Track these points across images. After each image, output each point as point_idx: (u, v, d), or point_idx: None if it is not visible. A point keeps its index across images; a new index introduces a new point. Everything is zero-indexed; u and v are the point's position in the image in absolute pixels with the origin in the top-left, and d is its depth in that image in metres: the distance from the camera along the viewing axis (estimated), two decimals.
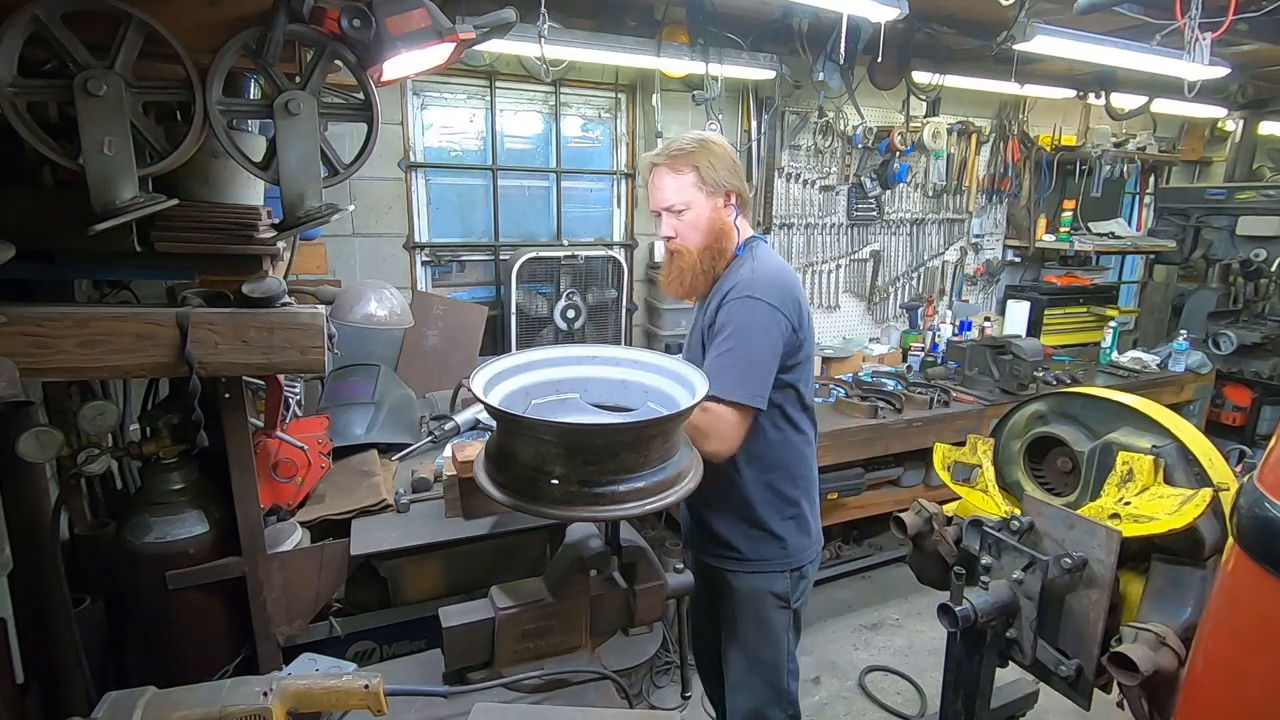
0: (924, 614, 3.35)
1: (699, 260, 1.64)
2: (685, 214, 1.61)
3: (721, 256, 1.65)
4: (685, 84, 3.67)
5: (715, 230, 1.62)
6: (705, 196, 1.60)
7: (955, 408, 3.34)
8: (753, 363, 1.52)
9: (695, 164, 1.58)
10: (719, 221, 1.63)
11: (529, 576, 1.31)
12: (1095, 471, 1.33)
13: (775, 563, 1.69)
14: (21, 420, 1.39)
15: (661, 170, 1.62)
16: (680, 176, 1.60)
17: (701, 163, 1.59)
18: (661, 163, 1.62)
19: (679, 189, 1.60)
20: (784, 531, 1.69)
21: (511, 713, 1.09)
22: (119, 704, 0.93)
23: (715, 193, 1.61)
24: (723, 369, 1.51)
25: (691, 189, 1.60)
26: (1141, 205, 5.87)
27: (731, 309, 1.55)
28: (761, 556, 1.69)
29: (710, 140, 1.63)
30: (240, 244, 1.35)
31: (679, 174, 1.60)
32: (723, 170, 1.60)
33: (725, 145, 1.65)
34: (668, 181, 1.61)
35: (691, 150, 1.59)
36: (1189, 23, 2.52)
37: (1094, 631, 1.14)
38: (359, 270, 3.40)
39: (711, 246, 1.63)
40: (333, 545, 1.69)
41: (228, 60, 1.16)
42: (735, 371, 1.51)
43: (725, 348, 1.53)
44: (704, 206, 1.61)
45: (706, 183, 1.60)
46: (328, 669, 1.51)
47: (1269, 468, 0.80)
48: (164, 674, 1.14)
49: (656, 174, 1.63)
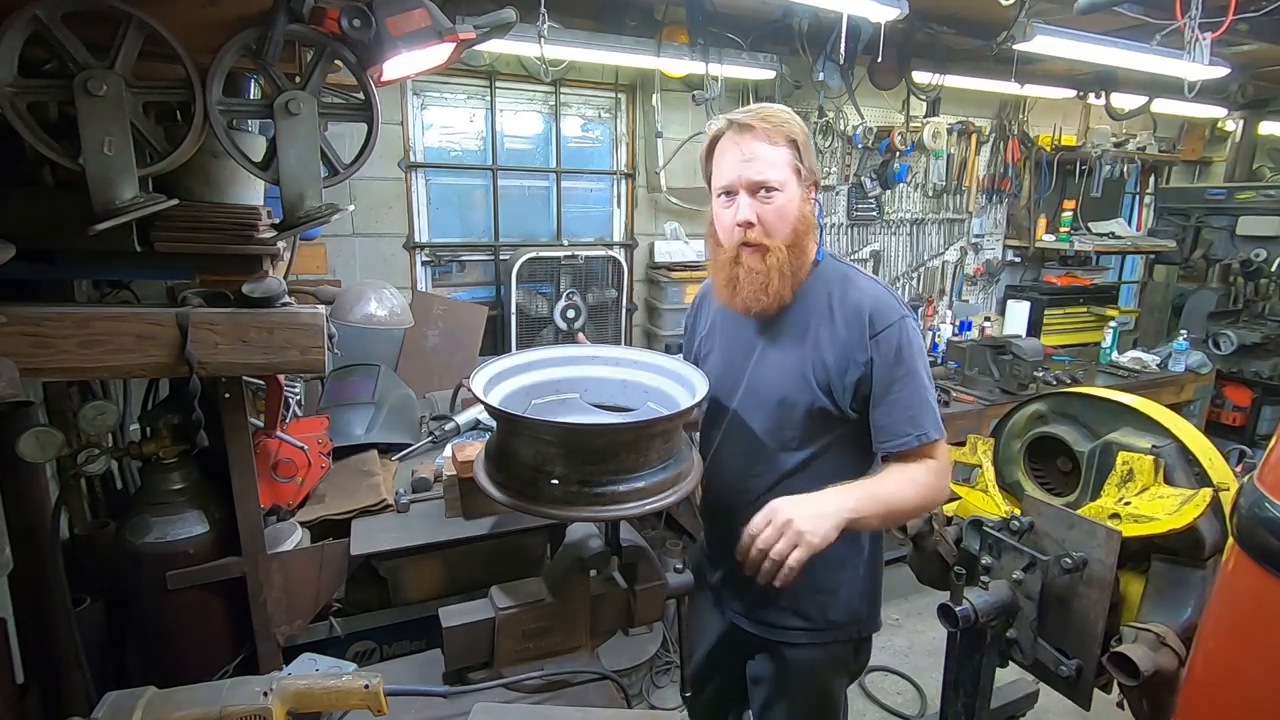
0: (924, 614, 3.35)
1: (785, 258, 1.29)
2: (777, 197, 1.26)
3: (804, 260, 1.33)
4: (685, 84, 3.67)
5: (805, 225, 1.31)
6: (798, 182, 1.28)
7: (955, 408, 3.34)
8: (928, 389, 1.31)
9: (794, 137, 1.27)
10: (808, 216, 1.32)
11: (529, 576, 1.31)
12: (1095, 471, 1.33)
13: (847, 629, 1.43)
14: (21, 420, 1.39)
15: (753, 136, 1.26)
16: (776, 149, 1.26)
17: (800, 138, 1.27)
18: (755, 124, 1.26)
19: (774, 163, 1.25)
20: (855, 594, 1.43)
21: (511, 713, 1.09)
22: (119, 704, 0.92)
23: (808, 179, 1.30)
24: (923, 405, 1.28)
25: (787, 167, 1.26)
26: (1141, 205, 5.87)
27: (895, 338, 1.28)
28: (832, 624, 1.42)
29: (800, 118, 1.33)
30: (240, 244, 1.35)
31: (775, 146, 1.26)
32: (812, 151, 1.31)
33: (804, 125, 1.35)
34: (763, 151, 1.25)
35: (788, 121, 1.28)
36: (1189, 23, 2.52)
37: (1094, 631, 1.14)
38: (359, 270, 3.40)
39: (797, 244, 1.30)
40: (333, 545, 1.69)
41: (228, 60, 1.16)
42: (933, 402, 1.31)
43: (914, 384, 1.28)
44: (796, 193, 1.28)
45: (804, 164, 1.28)
46: (328, 669, 1.50)
47: (1269, 468, 0.80)
48: (164, 674, 1.13)
49: (744, 140, 1.27)
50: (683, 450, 1.28)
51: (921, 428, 1.27)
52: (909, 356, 1.28)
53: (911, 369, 1.28)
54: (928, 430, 1.28)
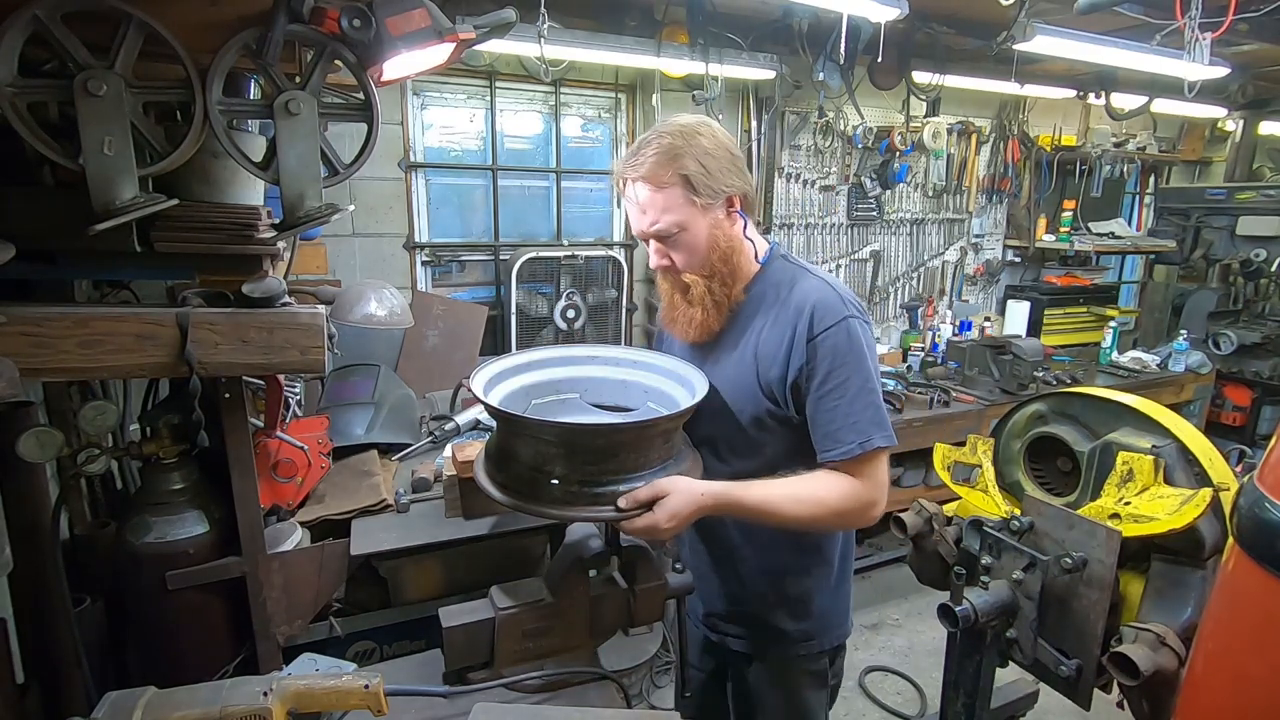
0: (924, 614, 3.35)
1: (707, 292, 1.29)
2: (680, 237, 1.25)
3: (736, 279, 1.31)
4: (685, 84, 3.67)
5: (723, 250, 1.27)
6: (701, 211, 1.23)
7: (955, 408, 3.34)
8: (875, 393, 1.24)
9: (682, 170, 1.21)
10: (724, 237, 1.27)
11: (529, 576, 1.31)
12: (1095, 471, 1.33)
13: (814, 643, 1.44)
14: (21, 420, 1.39)
15: (642, 184, 1.23)
16: (664, 191, 1.22)
17: (690, 166, 1.21)
18: (634, 176, 1.23)
19: (666, 207, 1.23)
20: (827, 605, 1.43)
21: (511, 713, 1.09)
22: (119, 704, 0.92)
23: (714, 203, 1.24)
24: (861, 411, 1.21)
25: (682, 205, 1.22)
26: (1141, 205, 5.87)
27: (836, 341, 1.23)
28: (804, 635, 1.43)
29: (695, 133, 1.23)
30: (240, 244, 1.35)
31: (662, 188, 1.22)
32: (718, 170, 1.23)
33: (716, 133, 1.26)
34: (649, 198, 1.23)
35: (674, 152, 1.21)
36: (1189, 23, 2.52)
37: (1094, 631, 1.13)
38: (359, 270, 3.40)
39: (720, 271, 1.28)
40: (333, 545, 1.69)
41: (228, 60, 1.16)
42: (874, 410, 1.23)
43: (853, 389, 1.22)
44: (700, 224, 1.24)
45: (701, 193, 1.22)
46: (328, 669, 1.50)
47: (1269, 468, 0.80)
48: (164, 674, 1.13)
49: (635, 190, 1.25)
50: (683, 450, 1.28)
51: (865, 434, 1.21)
52: (852, 360, 1.22)
53: (854, 372, 1.22)
54: (871, 436, 1.21)
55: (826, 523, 1.27)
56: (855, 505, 1.23)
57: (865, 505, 1.24)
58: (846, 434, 1.22)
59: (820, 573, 1.43)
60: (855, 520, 1.27)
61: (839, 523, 1.28)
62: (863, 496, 1.23)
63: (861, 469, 1.23)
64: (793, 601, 1.41)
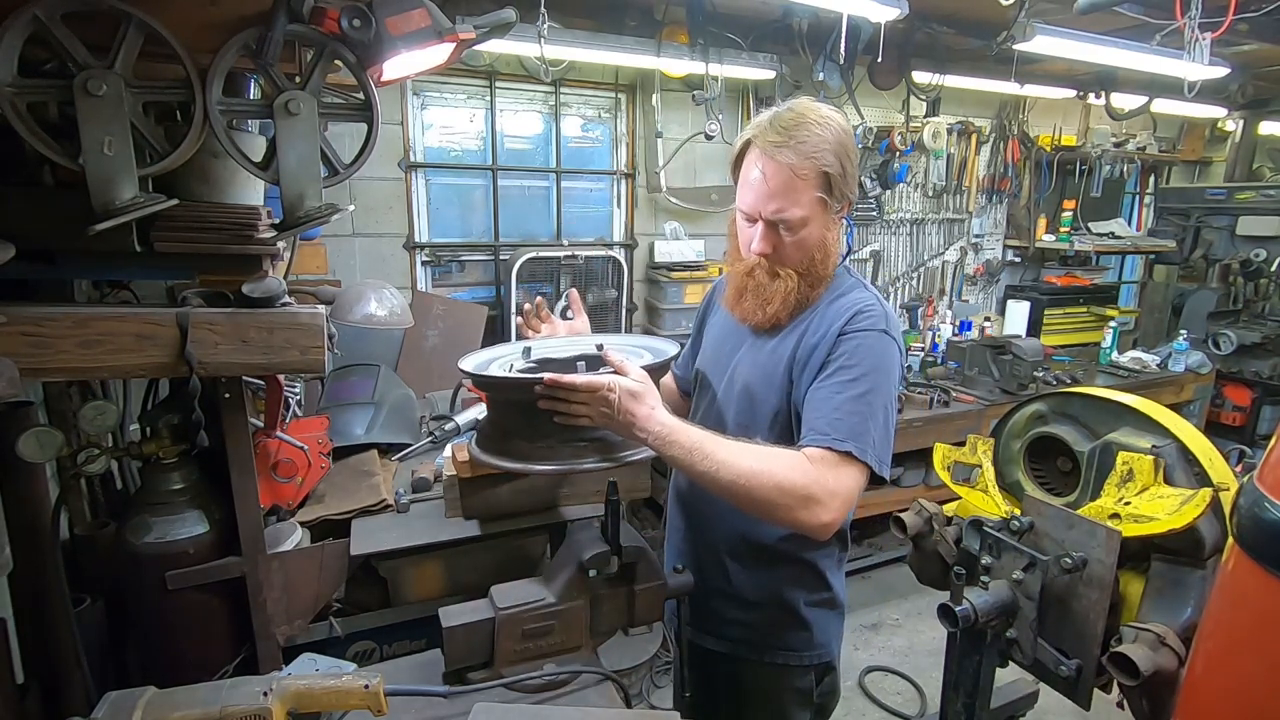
0: (924, 614, 3.35)
1: (795, 287, 1.25)
2: (798, 230, 1.21)
3: (820, 282, 1.28)
4: (685, 84, 3.67)
5: (824, 253, 1.25)
6: (825, 211, 1.21)
7: (955, 408, 3.34)
8: (887, 417, 1.17)
9: (826, 166, 1.17)
10: (830, 244, 1.25)
11: (529, 576, 1.31)
12: (1095, 471, 1.33)
13: (799, 654, 1.40)
14: (21, 420, 1.39)
15: (781, 161, 1.16)
16: (802, 181, 1.17)
17: (834, 168, 1.17)
18: (784, 149, 1.16)
19: (798, 199, 1.18)
20: (813, 617, 1.39)
21: (511, 713, 1.09)
22: (119, 704, 0.92)
23: (839, 207, 1.22)
24: (853, 414, 1.14)
25: (814, 201, 1.19)
26: (1141, 205, 5.88)
27: (863, 342, 1.18)
28: (786, 645, 1.39)
29: (844, 125, 1.20)
30: (240, 244, 1.35)
31: (803, 178, 1.17)
32: (853, 174, 1.21)
33: (852, 132, 1.24)
34: (782, 183, 1.17)
35: (824, 144, 1.16)
36: (1189, 23, 2.52)
37: (1094, 631, 1.13)
38: (359, 270, 3.40)
39: (813, 272, 1.26)
40: (333, 545, 1.69)
41: (228, 60, 1.16)
42: (870, 423, 1.14)
43: (859, 390, 1.15)
44: (821, 224, 1.22)
45: (835, 195, 1.20)
46: (328, 669, 1.50)
47: (1269, 468, 0.80)
48: (164, 674, 1.13)
49: (771, 164, 1.18)
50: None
51: (840, 432, 1.12)
52: (868, 363, 1.16)
53: (864, 375, 1.16)
54: (844, 439, 1.11)
55: (762, 489, 1.09)
56: (797, 487, 1.09)
57: (806, 495, 1.09)
58: (824, 425, 1.14)
59: (810, 584, 1.39)
60: (792, 505, 1.10)
61: (775, 495, 1.09)
62: (810, 485, 1.09)
63: (823, 461, 1.12)
64: (779, 609, 1.39)
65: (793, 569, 1.38)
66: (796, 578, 1.38)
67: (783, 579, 1.37)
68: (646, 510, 3.65)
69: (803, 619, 1.39)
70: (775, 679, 1.42)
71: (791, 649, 1.40)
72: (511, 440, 1.18)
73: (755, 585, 1.38)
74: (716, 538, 1.42)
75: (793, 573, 1.38)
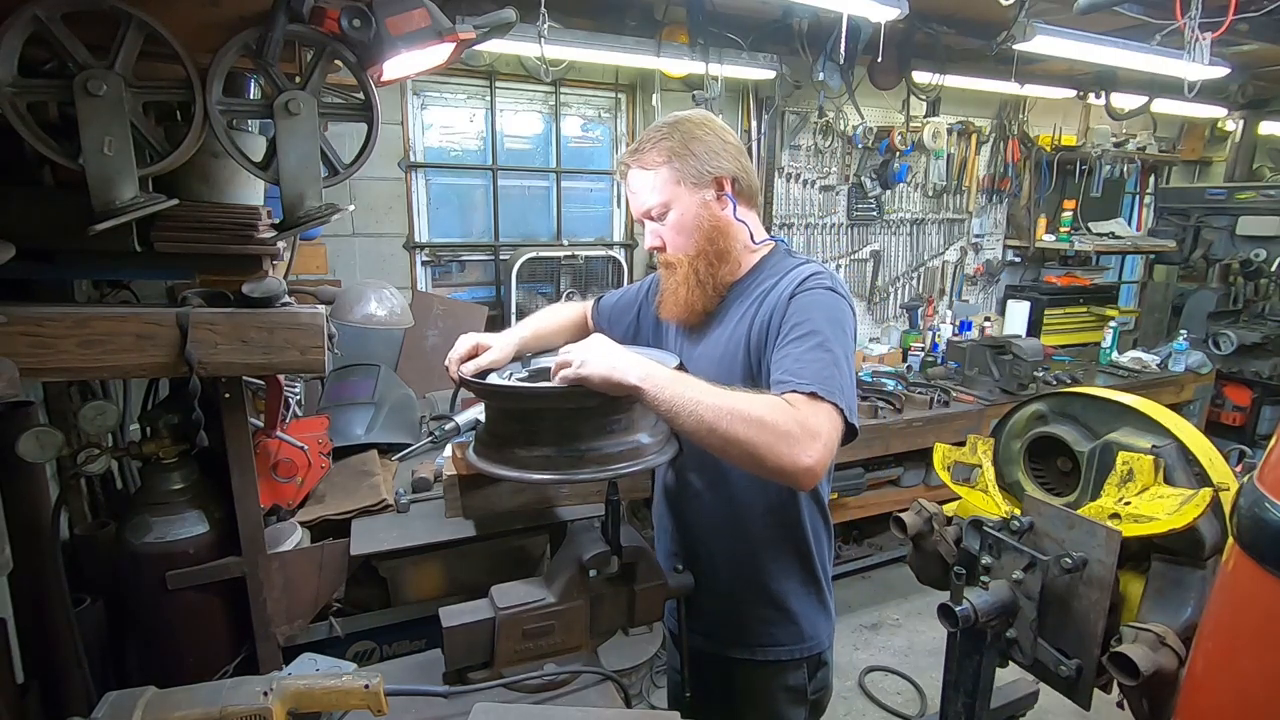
0: (924, 614, 3.35)
1: (691, 270, 1.32)
2: (668, 216, 1.31)
3: (723, 260, 1.33)
4: (685, 84, 3.67)
5: (708, 230, 1.31)
6: (688, 191, 1.30)
7: (955, 408, 3.34)
8: (849, 367, 1.18)
9: (668, 152, 1.29)
10: (711, 217, 1.31)
11: (529, 576, 1.31)
12: (1095, 471, 1.33)
13: (789, 649, 1.40)
14: (21, 420, 1.39)
15: (634, 171, 1.33)
16: (653, 173, 1.30)
17: (676, 149, 1.29)
18: (630, 161, 1.34)
19: (654, 187, 1.31)
20: (802, 610, 1.40)
21: (511, 713, 1.09)
22: (119, 704, 0.92)
23: (701, 183, 1.30)
24: (814, 361, 1.14)
25: (669, 184, 1.30)
26: (1141, 205, 5.87)
27: (814, 299, 1.22)
28: (775, 641, 1.40)
29: (687, 120, 1.32)
30: (240, 244, 1.35)
31: (650, 169, 1.31)
32: (706, 153, 1.29)
33: (710, 121, 1.33)
34: (641, 181, 1.32)
35: (662, 138, 1.30)
36: (1189, 23, 2.52)
37: (1094, 631, 1.13)
38: (359, 270, 3.40)
39: (706, 250, 1.32)
40: (333, 545, 1.69)
41: (228, 60, 1.16)
42: (833, 370, 1.14)
43: (815, 341, 1.17)
44: (688, 203, 1.30)
45: (686, 173, 1.29)
46: (328, 669, 1.51)
47: (1269, 468, 0.80)
48: (164, 674, 1.14)
49: (629, 178, 1.35)
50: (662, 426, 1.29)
51: (802, 378, 1.12)
52: (818, 315, 1.19)
53: (817, 329, 1.17)
54: (810, 383, 1.11)
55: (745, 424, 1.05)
56: (779, 423, 1.05)
57: (787, 432, 1.05)
58: (788, 375, 1.14)
59: (799, 576, 1.39)
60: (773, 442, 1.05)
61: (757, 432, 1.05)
62: (789, 423, 1.05)
63: (796, 403, 1.10)
64: (769, 605, 1.38)
65: (781, 562, 1.38)
66: (785, 570, 1.38)
67: (771, 572, 1.37)
68: (646, 510, 3.63)
69: (791, 612, 1.39)
70: (768, 678, 1.41)
71: (782, 644, 1.40)
72: (508, 448, 1.18)
73: (743, 580, 1.39)
74: (705, 534, 1.42)
75: (781, 566, 1.38)
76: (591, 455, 1.15)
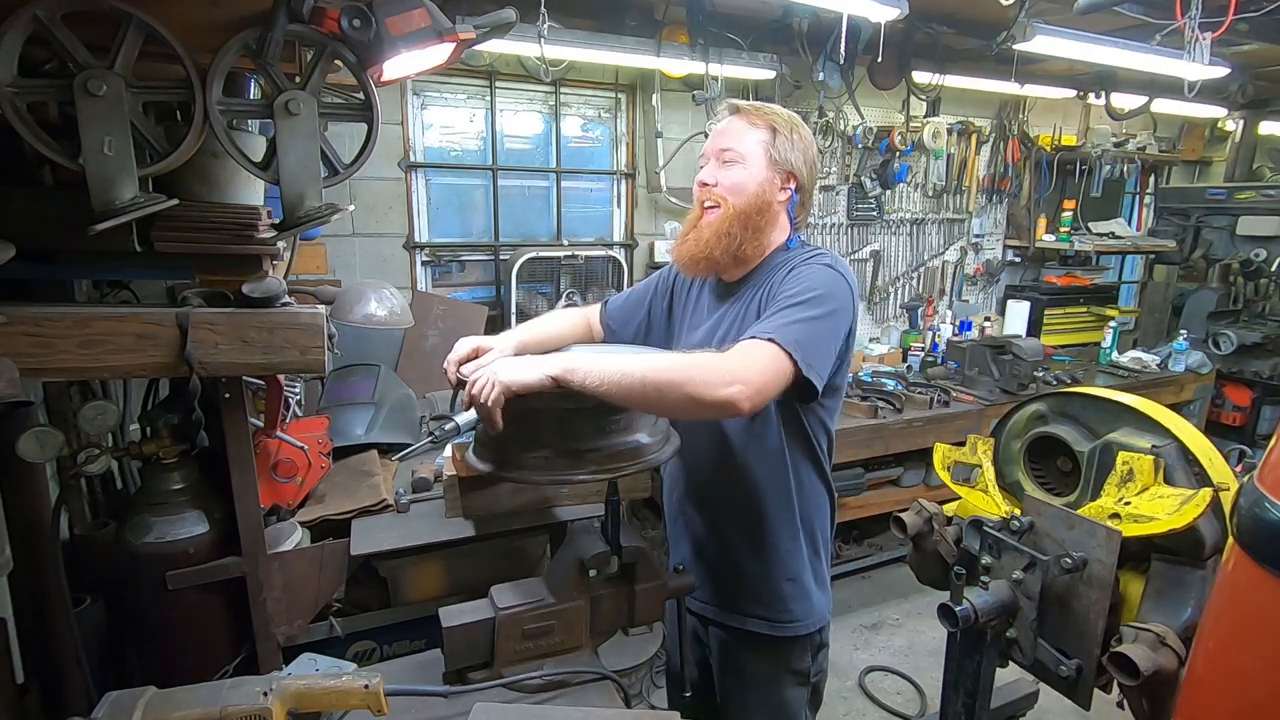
0: (924, 614, 3.35)
1: (730, 222, 1.36)
2: (736, 168, 1.38)
3: (755, 235, 1.39)
4: (685, 84, 3.67)
5: (759, 203, 1.38)
6: (766, 163, 1.38)
7: (955, 408, 3.34)
8: (825, 327, 1.25)
9: (774, 126, 1.38)
10: (767, 196, 1.38)
11: (529, 576, 1.31)
12: (1095, 471, 1.33)
13: (803, 623, 1.46)
14: (21, 420, 1.39)
15: (737, 118, 1.42)
16: (752, 129, 1.39)
17: (782, 129, 1.38)
18: (740, 106, 1.43)
19: (744, 139, 1.38)
20: (812, 584, 1.47)
21: (511, 713, 1.09)
22: (119, 704, 0.93)
23: (778, 166, 1.38)
24: (782, 315, 1.23)
25: (757, 146, 1.38)
26: (1141, 205, 5.87)
27: (811, 271, 1.31)
28: (793, 617, 1.45)
29: (799, 119, 1.44)
30: (240, 244, 1.35)
31: (752, 126, 1.40)
32: (797, 151, 1.39)
33: (810, 136, 1.45)
34: (737, 127, 1.40)
35: (774, 112, 1.41)
36: (1189, 23, 2.52)
37: (1094, 631, 1.13)
38: (359, 270, 3.40)
39: (748, 215, 1.37)
40: (333, 545, 1.69)
41: (228, 60, 1.16)
42: (795, 324, 1.21)
43: (795, 301, 1.24)
44: (760, 170, 1.37)
45: (777, 149, 1.38)
46: (328, 669, 1.50)
47: (1269, 468, 0.80)
48: (164, 674, 1.14)
49: (730, 120, 1.43)
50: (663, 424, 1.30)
51: (760, 330, 1.19)
52: (810, 286, 1.26)
53: (801, 293, 1.24)
54: (766, 332, 1.17)
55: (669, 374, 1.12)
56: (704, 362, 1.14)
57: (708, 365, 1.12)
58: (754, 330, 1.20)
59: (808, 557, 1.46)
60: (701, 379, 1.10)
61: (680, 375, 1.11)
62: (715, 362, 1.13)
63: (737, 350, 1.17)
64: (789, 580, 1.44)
65: (792, 541, 1.44)
66: (800, 550, 1.45)
67: (783, 552, 1.44)
68: (646, 510, 3.65)
69: (806, 586, 1.46)
70: (775, 659, 1.47)
71: (797, 618, 1.45)
72: (507, 449, 1.18)
73: (758, 556, 1.45)
74: (719, 514, 1.46)
75: (791, 546, 1.44)
76: (591, 455, 1.15)
